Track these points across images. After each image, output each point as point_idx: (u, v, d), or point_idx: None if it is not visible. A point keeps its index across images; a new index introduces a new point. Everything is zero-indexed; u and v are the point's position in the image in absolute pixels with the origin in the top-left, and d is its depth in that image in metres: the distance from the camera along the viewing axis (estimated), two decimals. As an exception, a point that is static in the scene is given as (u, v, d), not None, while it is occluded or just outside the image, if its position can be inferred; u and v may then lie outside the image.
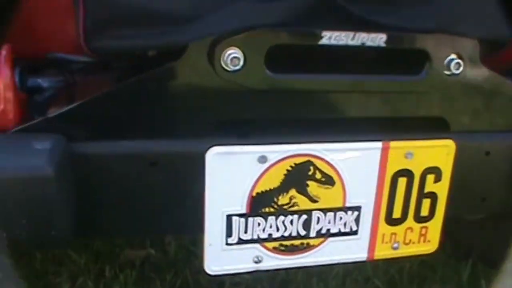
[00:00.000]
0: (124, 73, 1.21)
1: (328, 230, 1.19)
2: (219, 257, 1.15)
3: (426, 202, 1.23)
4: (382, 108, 1.19)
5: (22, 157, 1.01)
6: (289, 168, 1.14)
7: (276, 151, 1.12)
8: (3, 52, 1.09)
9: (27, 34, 1.28)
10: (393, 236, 1.24)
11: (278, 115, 1.14)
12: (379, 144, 1.16)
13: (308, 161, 1.14)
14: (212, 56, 1.06)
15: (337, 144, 1.15)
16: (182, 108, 1.10)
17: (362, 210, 1.19)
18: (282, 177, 1.14)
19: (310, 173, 1.15)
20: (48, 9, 1.29)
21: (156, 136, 1.11)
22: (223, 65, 1.06)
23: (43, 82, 1.26)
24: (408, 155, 1.17)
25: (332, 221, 1.18)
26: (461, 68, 1.18)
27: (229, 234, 1.15)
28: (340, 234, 1.20)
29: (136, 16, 1.04)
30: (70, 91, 1.23)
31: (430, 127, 1.26)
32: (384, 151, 1.16)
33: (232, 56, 1.05)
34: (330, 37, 1.09)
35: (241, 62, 1.06)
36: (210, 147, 1.10)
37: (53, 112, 1.15)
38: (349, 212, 1.19)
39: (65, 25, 1.29)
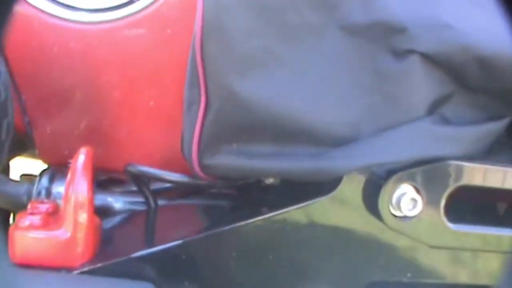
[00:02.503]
0: (232, 204, 0.83)
1: None
2: None
3: None
4: None
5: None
6: None
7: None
8: (81, 157, 0.70)
9: (101, 138, 0.91)
10: None
11: (441, 277, 0.76)
12: None
13: None
14: (376, 194, 0.69)
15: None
16: (322, 263, 0.72)
17: None
18: None
19: None
20: (130, 111, 0.92)
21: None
22: (391, 209, 0.69)
23: (114, 201, 0.87)
24: None
25: None
26: None
27: None
28: None
29: (276, 127, 0.69)
30: (151, 218, 0.84)
31: None
32: None
33: (409, 197, 0.68)
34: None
35: (418, 207, 0.68)
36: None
37: (126, 247, 0.76)
38: None
39: (152, 131, 0.92)
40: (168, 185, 0.93)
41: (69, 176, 0.73)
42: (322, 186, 0.76)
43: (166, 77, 0.95)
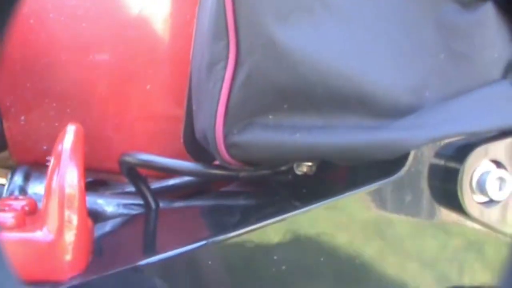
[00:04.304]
0: (254, 202, 0.63)
1: None
2: None
3: None
4: None
5: None
6: None
7: None
8: (69, 136, 0.50)
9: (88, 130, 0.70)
10: None
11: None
12: None
13: None
14: (451, 175, 0.50)
15: None
16: (379, 266, 0.52)
17: None
18: None
19: None
20: (124, 96, 0.72)
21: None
22: (472, 192, 0.50)
23: (106, 204, 0.66)
24: None
25: None
26: None
27: None
28: None
29: (325, 90, 0.50)
30: (153, 220, 0.62)
31: None
32: None
33: (495, 177, 0.49)
34: None
35: (508, 187, 0.50)
36: None
37: (127, 256, 0.55)
38: None
39: (150, 120, 0.72)
40: (170, 183, 0.71)
41: (52, 161, 0.52)
42: (367, 172, 0.57)
43: (165, 53, 0.75)
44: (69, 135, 0.53)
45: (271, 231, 0.52)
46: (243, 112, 0.52)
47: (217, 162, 0.63)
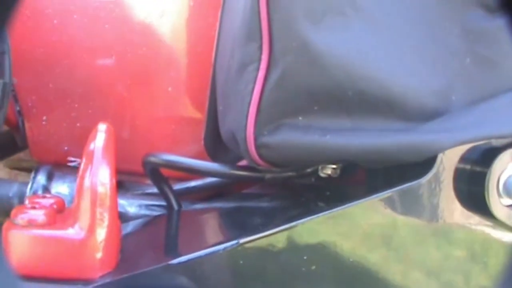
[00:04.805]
0: (277, 204, 0.63)
1: None
2: None
3: None
4: None
5: None
6: None
7: None
8: (101, 136, 0.50)
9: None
10: None
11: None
12: None
13: None
14: (480, 178, 0.51)
15: None
16: (407, 269, 0.52)
17: None
18: None
19: None
20: (147, 97, 0.72)
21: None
22: (499, 196, 0.50)
23: (128, 205, 0.66)
24: None
25: None
26: None
27: None
28: None
29: (355, 93, 0.51)
30: (177, 221, 0.63)
31: None
32: None
33: None
34: None
35: None
36: None
37: (156, 255, 0.55)
38: None
39: (172, 122, 0.72)
40: (191, 185, 0.72)
41: (84, 159, 0.52)
42: (389, 176, 0.57)
43: (185, 56, 0.75)
44: (101, 134, 0.53)
45: (300, 231, 0.52)
46: (274, 114, 0.53)
47: (240, 163, 0.64)
